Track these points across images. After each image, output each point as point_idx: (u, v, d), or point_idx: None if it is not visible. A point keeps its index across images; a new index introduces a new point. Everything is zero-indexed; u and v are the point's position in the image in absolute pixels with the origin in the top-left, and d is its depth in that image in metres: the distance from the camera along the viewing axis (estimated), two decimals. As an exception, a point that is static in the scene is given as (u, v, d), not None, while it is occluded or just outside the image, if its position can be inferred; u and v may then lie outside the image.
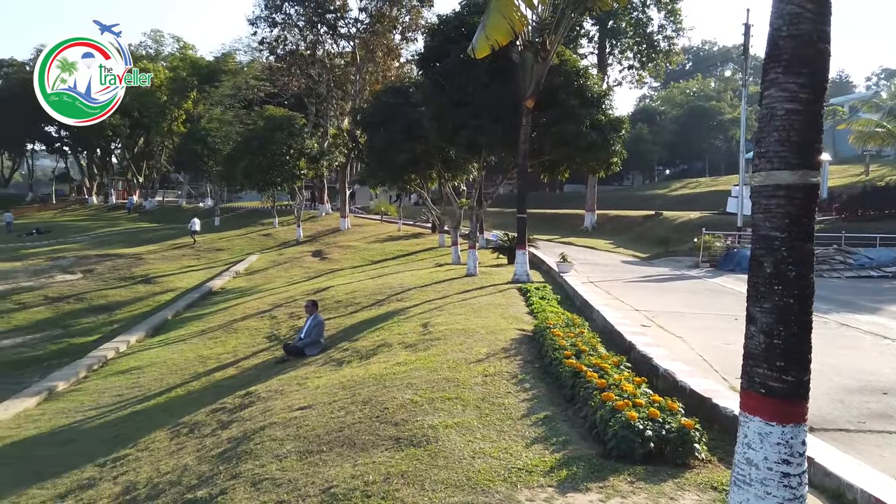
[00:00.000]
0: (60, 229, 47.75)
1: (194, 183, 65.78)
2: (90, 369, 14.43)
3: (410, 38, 38.20)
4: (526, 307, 11.36)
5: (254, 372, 11.55)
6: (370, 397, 6.80)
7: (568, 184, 55.39)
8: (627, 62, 37.62)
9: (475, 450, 5.13)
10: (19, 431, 10.39)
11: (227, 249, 35.18)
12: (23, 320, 22.04)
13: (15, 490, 7.21)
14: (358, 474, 4.91)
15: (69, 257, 32.41)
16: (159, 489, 5.92)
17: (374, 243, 32.51)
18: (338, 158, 37.77)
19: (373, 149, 22.22)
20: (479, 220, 18.98)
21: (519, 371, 7.17)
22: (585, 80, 15.81)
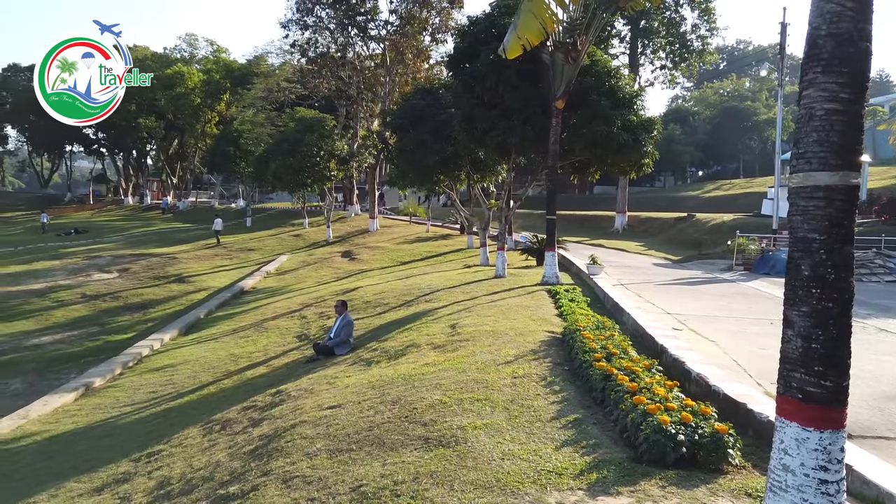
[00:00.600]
0: (97, 229, 48.90)
1: (227, 184, 66.74)
2: (125, 366, 14.73)
3: (440, 39, 38.29)
4: (555, 309, 11.29)
5: (284, 371, 11.68)
6: (399, 397, 6.83)
7: (598, 185, 54.99)
8: (660, 62, 37.15)
9: (504, 451, 5.12)
10: (57, 426, 10.65)
11: (258, 249, 35.64)
12: (61, 318, 22.59)
13: (54, 482, 7.40)
14: (387, 473, 4.94)
15: (105, 256, 33.17)
16: (192, 484, 6.02)
17: (403, 244, 32.64)
18: (367, 160, 38.00)
19: (402, 150, 22.30)
20: (507, 222, 18.93)
21: (548, 373, 7.14)
22: (617, 81, 15.66)
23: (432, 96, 21.43)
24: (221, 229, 37.90)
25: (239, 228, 45.05)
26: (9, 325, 21.52)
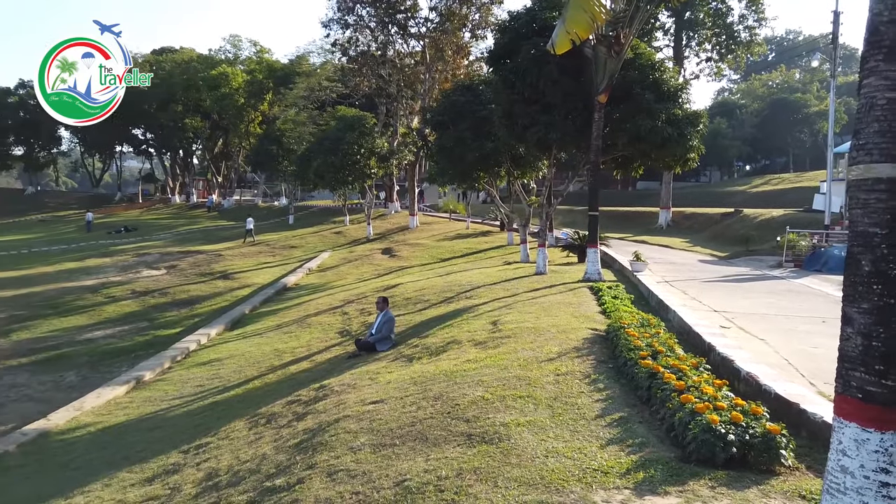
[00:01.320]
0: (146, 227, 50.34)
1: (270, 182, 67.96)
2: (174, 360, 15.10)
3: (480, 35, 38.19)
4: (598, 306, 11.16)
5: (327, 366, 11.81)
6: (441, 393, 6.84)
7: (641, 180, 54.12)
8: (705, 54, 36.31)
9: (548, 449, 5.08)
10: (110, 418, 10.98)
11: (300, 247, 36.16)
12: (112, 313, 23.29)
13: (107, 472, 7.64)
14: (431, 469, 4.94)
15: (154, 254, 34.11)
16: (239, 476, 6.14)
17: (443, 241, 32.69)
18: (407, 157, 38.19)
19: (442, 147, 22.33)
20: (548, 218, 18.77)
21: (592, 371, 7.06)
22: (661, 74, 15.36)
23: (472, 93, 21.39)
24: (253, 228, 38.68)
25: (282, 226, 45.81)
26: (64, 319, 22.29)
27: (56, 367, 17.45)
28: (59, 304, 24.11)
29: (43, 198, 79.08)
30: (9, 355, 18.66)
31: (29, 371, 17.14)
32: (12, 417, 13.40)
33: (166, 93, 62.70)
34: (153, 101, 65.17)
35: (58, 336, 20.43)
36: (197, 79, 58.82)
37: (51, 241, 44.94)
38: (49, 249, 40.02)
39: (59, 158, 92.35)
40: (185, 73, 60.87)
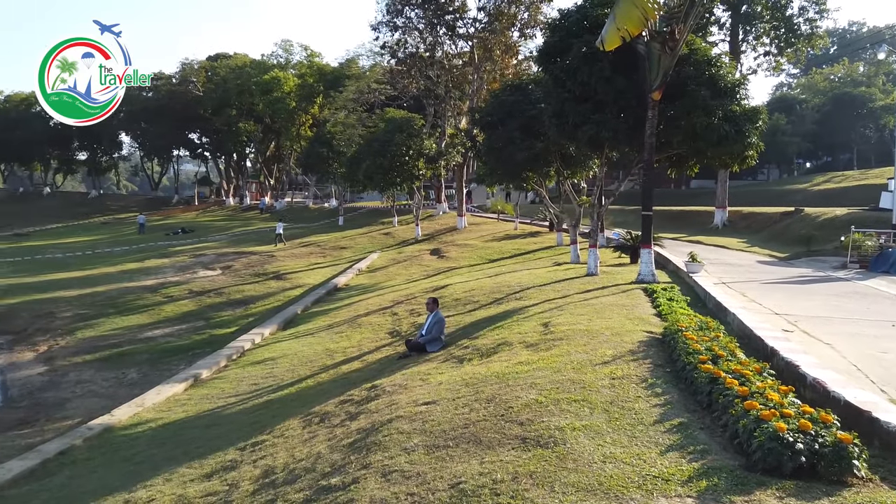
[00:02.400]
0: (202, 228, 51.81)
1: (320, 184, 69.02)
2: (230, 359, 15.44)
3: (529, 34, 37.98)
4: (652, 308, 10.90)
5: (378, 366, 11.88)
6: (493, 395, 6.78)
7: (695, 179, 52.82)
8: (763, 49, 35.13)
9: (605, 454, 4.97)
10: (169, 414, 11.30)
11: (350, 248, 36.62)
12: (171, 312, 24.03)
13: (168, 467, 7.84)
14: (486, 472, 4.90)
15: (210, 255, 35.07)
16: (295, 474, 6.21)
17: (491, 242, 32.57)
18: (455, 158, 38.21)
19: (490, 147, 22.24)
20: (600, 218, 18.47)
21: (649, 375, 6.88)
22: (717, 70, 14.92)
23: (521, 92, 21.25)
24: (283, 232, 39.66)
25: (332, 227, 46.49)
26: (125, 318, 23.12)
27: (118, 364, 18.11)
28: (120, 304, 25.03)
29: (105, 201, 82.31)
30: (74, 352, 19.47)
31: (93, 368, 17.84)
32: (79, 412, 13.98)
33: (221, 98, 64.46)
34: (208, 105, 67.12)
35: (120, 334, 21.21)
36: (250, 83, 60.21)
37: (113, 242, 46.71)
38: (111, 251, 41.61)
39: (120, 163, 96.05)
40: (239, 78, 62.38)
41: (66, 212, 72.53)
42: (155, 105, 71.82)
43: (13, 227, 63.79)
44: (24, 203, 79.50)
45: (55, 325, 22.52)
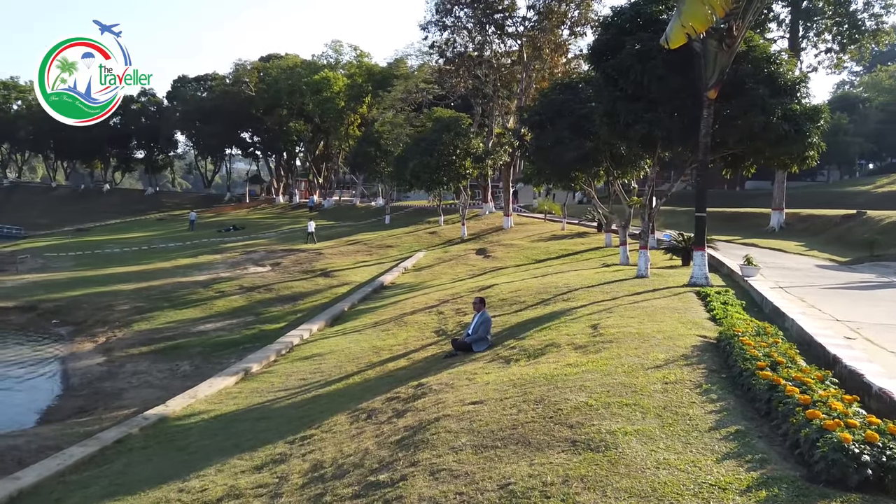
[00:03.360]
0: (252, 226, 52.98)
1: (367, 183, 69.75)
2: (279, 354, 15.71)
3: (579, 32, 37.55)
4: (706, 312, 10.61)
5: (424, 364, 11.90)
6: (542, 397, 6.71)
7: (751, 180, 51.32)
8: (824, 45, 33.82)
9: (659, 460, 4.86)
10: (221, 406, 11.55)
11: (396, 246, 36.85)
12: (222, 307, 24.62)
13: (219, 458, 8.01)
14: (535, 474, 4.84)
15: (260, 251, 35.82)
16: (343, 469, 6.26)
17: (538, 242, 32.32)
18: (502, 157, 38.05)
19: (539, 147, 22.05)
20: (651, 219, 18.10)
21: (703, 380, 6.70)
22: (777, 67, 14.44)
23: (571, 91, 21.01)
24: (314, 231, 40.46)
25: (378, 226, 46.89)
26: (179, 312, 23.80)
27: (172, 356, 18.64)
28: (174, 298, 25.78)
29: (161, 198, 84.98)
30: (131, 344, 20.14)
31: (149, 359, 18.42)
32: (134, 402, 14.44)
33: (272, 98, 65.75)
34: (260, 105, 68.58)
35: (174, 327, 21.83)
36: (300, 83, 61.22)
37: (167, 238, 48.19)
38: (166, 246, 42.94)
39: (175, 161, 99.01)
40: (290, 78, 63.50)
41: (124, 208, 75.28)
42: (209, 105, 73.84)
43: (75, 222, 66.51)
44: (85, 200, 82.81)
45: (113, 317, 23.34)
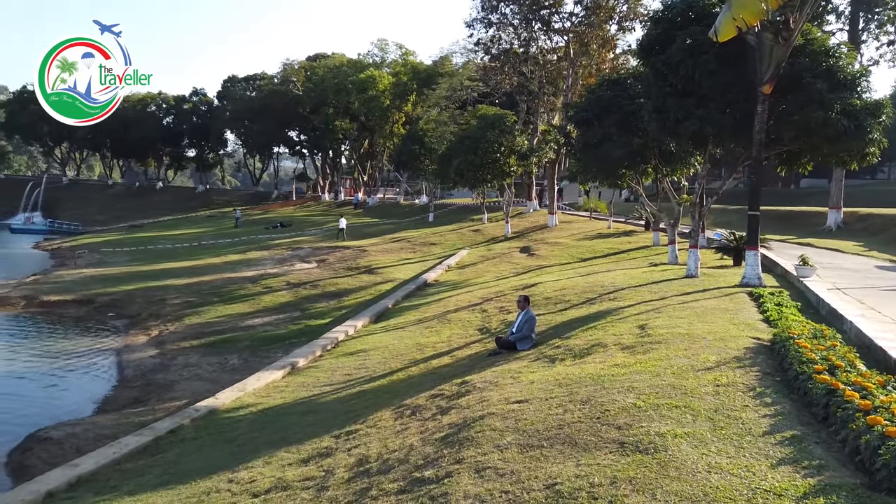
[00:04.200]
0: (299, 223, 53.83)
1: (411, 181, 70.11)
2: (324, 349, 15.90)
3: (627, 27, 36.97)
4: (759, 314, 10.32)
5: (467, 362, 11.88)
6: (589, 397, 6.62)
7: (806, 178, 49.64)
8: (886, 38, 32.50)
9: (710, 464, 4.74)
10: (268, 400, 11.75)
11: (439, 244, 36.91)
12: (269, 302, 25.05)
13: (267, 451, 8.16)
14: (582, 474, 4.78)
15: (306, 248, 36.35)
16: (389, 465, 6.30)
17: (583, 240, 31.93)
18: (547, 155, 37.72)
19: (585, 144, 21.78)
20: (701, 218, 17.67)
21: (756, 383, 6.51)
22: (836, 61, 13.92)
23: (619, 87, 20.67)
24: (345, 228, 41.32)
25: (422, 223, 47.05)
26: (228, 307, 24.32)
27: (221, 350, 19.04)
28: (223, 293, 26.35)
29: (211, 195, 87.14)
30: (182, 337, 20.66)
31: (199, 352, 18.84)
32: (185, 394, 14.82)
33: (319, 96, 66.68)
34: (307, 104, 69.64)
35: (223, 322, 22.31)
36: (346, 82, 61.89)
37: (217, 234, 49.33)
38: (215, 242, 43.98)
39: (224, 159, 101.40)
40: (336, 77, 64.26)
41: (176, 205, 77.44)
42: (258, 104, 75.37)
43: (130, 219, 68.78)
44: (139, 197, 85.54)
45: (165, 311, 24.00)
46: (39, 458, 10.73)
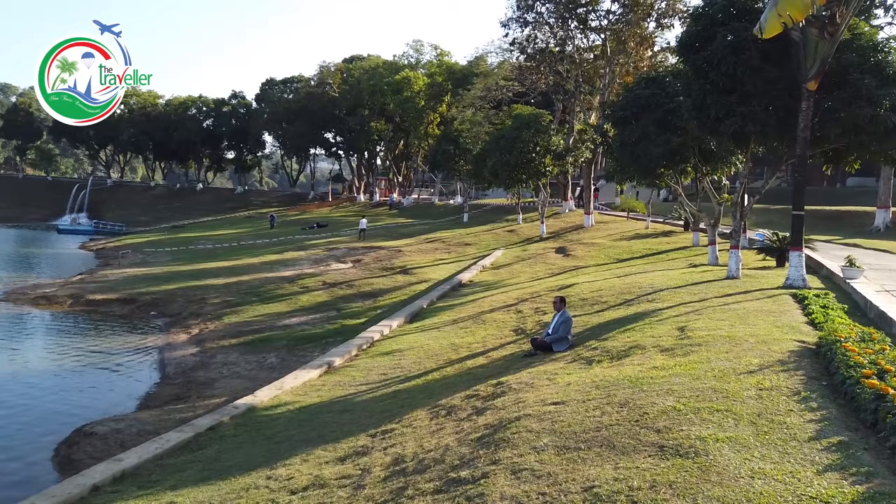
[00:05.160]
0: (335, 223, 54.39)
1: (445, 181, 70.25)
2: (360, 349, 16.01)
3: (666, 24, 36.33)
4: (803, 316, 10.05)
5: (502, 363, 11.83)
6: (627, 400, 6.53)
7: (853, 176, 48.15)
8: (938, 31, 31.41)
9: (753, 469, 4.63)
10: (305, 398, 11.88)
11: (474, 244, 36.87)
12: (306, 302, 25.35)
13: (304, 448, 8.25)
14: (621, 478, 4.71)
15: (342, 248, 36.68)
16: (425, 465, 6.30)
17: (620, 241, 31.55)
18: (584, 154, 37.35)
19: (623, 143, 21.49)
20: (742, 218, 17.29)
21: (801, 387, 6.34)
22: (885, 56, 13.47)
23: (657, 85, 20.34)
24: (366, 228, 42.28)
25: (456, 224, 47.09)
26: (266, 306, 24.69)
27: (259, 348, 19.33)
28: (262, 292, 26.76)
29: (249, 196, 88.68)
30: (222, 336, 21.05)
31: (238, 351, 19.17)
32: (225, 391, 15.08)
33: (355, 98, 67.33)
34: (343, 106, 70.36)
35: (261, 321, 22.66)
36: (382, 84, 62.33)
37: (255, 235, 50.16)
38: (254, 242, 44.71)
39: (262, 161, 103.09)
40: (372, 78, 64.80)
41: (216, 206, 79.06)
42: (295, 106, 76.46)
43: (171, 220, 70.42)
44: (180, 198, 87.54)
45: (205, 310, 24.48)
46: (85, 451, 11.05)
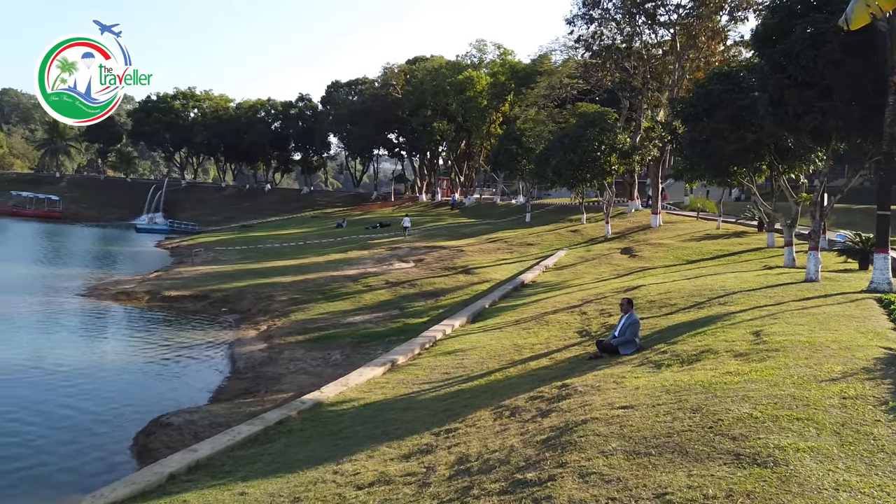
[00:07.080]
0: (397, 223, 54.92)
1: (507, 181, 69.93)
2: (423, 347, 16.11)
3: (740, 17, 35.02)
4: (890, 322, 9.52)
5: (567, 365, 11.66)
6: (699, 406, 6.32)
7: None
8: None
9: (837, 481, 4.40)
10: (369, 395, 12.03)
11: (536, 244, 36.55)
12: (369, 301, 25.70)
13: (369, 445, 8.35)
14: (695, 485, 4.56)
15: (404, 248, 37.01)
16: (489, 465, 6.27)
17: (689, 241, 30.64)
18: (651, 152, 36.45)
19: (693, 141, 20.86)
20: (822, 218, 16.48)
21: (889, 397, 5.98)
22: (981, 45, 12.62)
23: (730, 80, 19.65)
24: (409, 226, 43.27)
25: (519, 224, 46.81)
26: (331, 304, 25.17)
27: (324, 345, 19.70)
28: (327, 291, 27.30)
29: (314, 197, 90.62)
30: (289, 332, 21.57)
31: (304, 347, 19.60)
32: (292, 387, 15.44)
33: (417, 99, 67.84)
34: (406, 107, 71.03)
35: (326, 318, 23.11)
36: (444, 84, 62.55)
37: (320, 234, 51.25)
38: (319, 242, 45.68)
39: (327, 162, 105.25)
40: (435, 79, 65.11)
41: (283, 206, 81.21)
42: (359, 108, 77.74)
43: (241, 219, 72.79)
44: (249, 198, 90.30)
45: (273, 307, 25.16)
46: (161, 441, 11.53)
